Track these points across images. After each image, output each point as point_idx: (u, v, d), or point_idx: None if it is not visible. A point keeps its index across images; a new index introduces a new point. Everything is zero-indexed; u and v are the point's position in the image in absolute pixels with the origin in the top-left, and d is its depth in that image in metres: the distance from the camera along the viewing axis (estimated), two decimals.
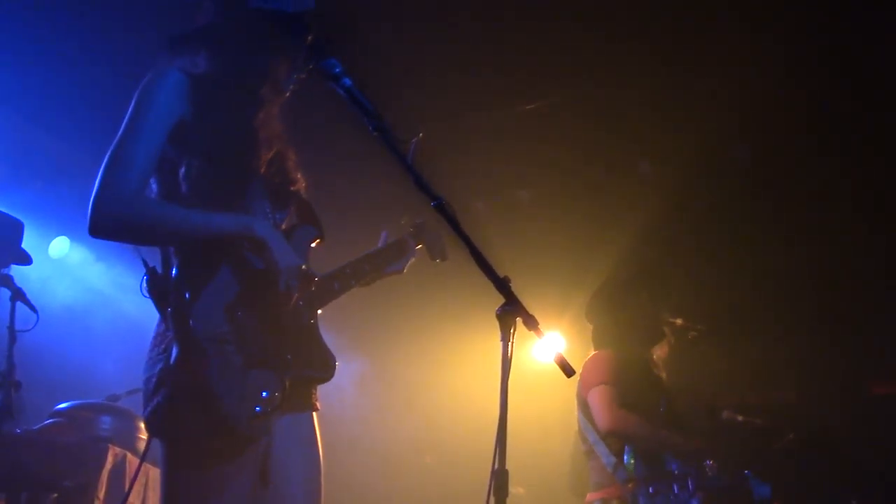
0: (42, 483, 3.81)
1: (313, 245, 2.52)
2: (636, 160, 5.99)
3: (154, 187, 2.26)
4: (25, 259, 4.72)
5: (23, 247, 4.72)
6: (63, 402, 4.45)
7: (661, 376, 4.34)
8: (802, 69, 4.88)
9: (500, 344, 1.93)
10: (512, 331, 1.94)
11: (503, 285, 1.98)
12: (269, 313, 2.22)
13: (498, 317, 1.95)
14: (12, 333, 4.23)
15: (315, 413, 2.39)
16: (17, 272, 4.62)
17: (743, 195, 5.83)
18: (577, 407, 4.24)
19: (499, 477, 1.83)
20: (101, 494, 3.91)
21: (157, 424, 2.13)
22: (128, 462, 4.14)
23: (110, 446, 4.09)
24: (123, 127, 2.19)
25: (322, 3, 2.31)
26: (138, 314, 5.62)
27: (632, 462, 3.85)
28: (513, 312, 1.95)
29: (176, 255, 2.20)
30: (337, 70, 2.13)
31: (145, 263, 2.17)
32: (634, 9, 4.73)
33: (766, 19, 4.66)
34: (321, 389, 2.41)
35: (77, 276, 6.50)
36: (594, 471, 4.08)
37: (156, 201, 2.24)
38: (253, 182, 2.33)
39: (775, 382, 5.93)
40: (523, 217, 6.39)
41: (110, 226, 2.13)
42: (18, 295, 4.37)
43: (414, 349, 6.87)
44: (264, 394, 2.10)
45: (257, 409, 2.08)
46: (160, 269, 2.18)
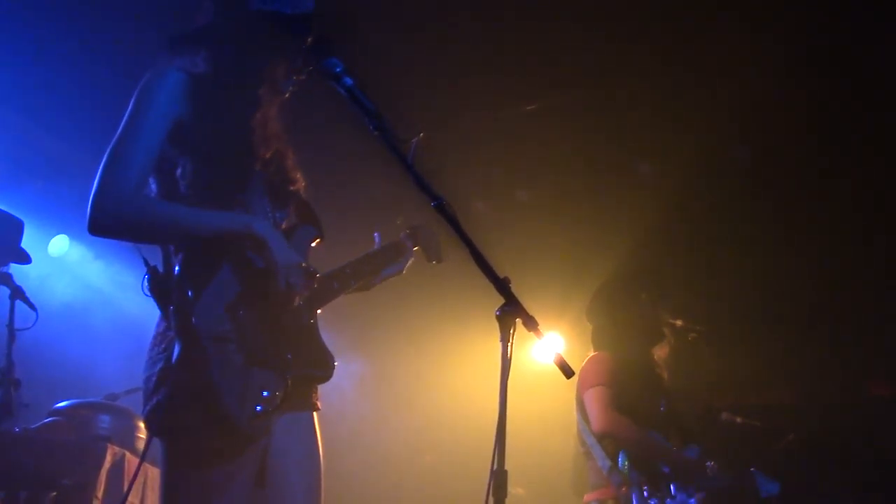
0: (41, 481, 3.80)
1: (313, 245, 2.52)
2: (636, 161, 5.98)
3: (153, 186, 2.26)
4: (25, 258, 4.72)
5: (22, 246, 4.72)
6: (62, 401, 4.45)
7: (663, 376, 4.33)
8: (802, 69, 4.88)
9: (500, 344, 1.93)
10: (511, 331, 1.94)
11: (503, 286, 1.98)
12: (270, 312, 2.22)
13: (497, 317, 1.95)
14: (11, 332, 4.24)
15: (315, 413, 2.39)
16: (17, 270, 4.63)
17: (743, 195, 5.82)
18: (576, 408, 4.24)
19: (498, 477, 1.83)
20: (100, 493, 3.91)
21: (158, 423, 2.12)
22: (126, 461, 4.14)
23: (109, 445, 4.09)
24: (123, 125, 2.19)
25: (322, 4, 2.31)
26: (137, 312, 5.63)
27: (626, 465, 3.85)
28: (512, 313, 1.95)
29: (177, 254, 2.19)
30: (338, 69, 2.14)
31: (146, 262, 2.17)
32: (634, 9, 4.73)
33: (766, 20, 4.66)
34: (321, 389, 2.41)
35: (76, 274, 6.49)
36: (592, 471, 4.08)
37: (155, 200, 2.24)
38: (252, 181, 2.33)
39: (775, 383, 5.94)
40: (523, 217, 6.38)
41: (109, 224, 2.13)
42: (18, 293, 4.37)
43: (413, 350, 6.87)
44: (265, 393, 2.10)
45: (258, 409, 2.08)
46: (161, 268, 2.18)
